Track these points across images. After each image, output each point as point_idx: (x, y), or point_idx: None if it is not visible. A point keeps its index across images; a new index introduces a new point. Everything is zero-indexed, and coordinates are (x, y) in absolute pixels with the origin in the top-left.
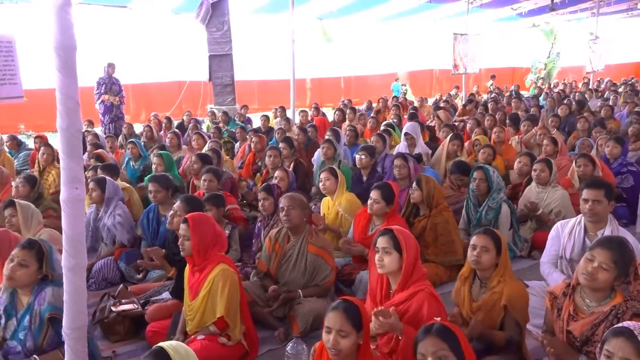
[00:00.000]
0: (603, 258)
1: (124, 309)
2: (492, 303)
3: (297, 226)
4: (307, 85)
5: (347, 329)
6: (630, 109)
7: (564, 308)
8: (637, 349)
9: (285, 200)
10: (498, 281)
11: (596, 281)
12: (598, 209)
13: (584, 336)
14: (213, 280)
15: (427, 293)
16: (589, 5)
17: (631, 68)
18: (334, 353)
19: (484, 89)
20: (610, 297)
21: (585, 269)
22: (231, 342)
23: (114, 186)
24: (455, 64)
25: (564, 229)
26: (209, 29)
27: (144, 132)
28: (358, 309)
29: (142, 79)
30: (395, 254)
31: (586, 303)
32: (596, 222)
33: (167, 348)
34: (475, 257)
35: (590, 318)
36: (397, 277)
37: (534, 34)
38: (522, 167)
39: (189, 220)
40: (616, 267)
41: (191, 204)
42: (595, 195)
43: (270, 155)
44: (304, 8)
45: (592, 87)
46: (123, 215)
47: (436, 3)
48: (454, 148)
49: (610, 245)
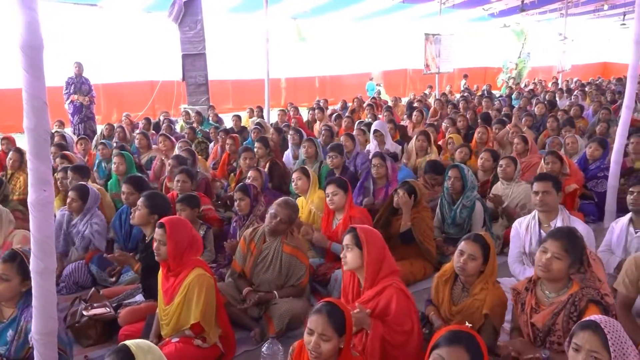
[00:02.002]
0: (555, 248)
1: (96, 313)
2: (473, 309)
3: (279, 235)
4: (282, 84)
5: (329, 333)
6: (596, 108)
7: (526, 302)
8: (604, 341)
9: (282, 210)
10: (481, 288)
11: (551, 271)
12: (548, 200)
13: (546, 326)
14: (189, 285)
15: (395, 288)
16: (558, 6)
17: (597, 68)
18: (314, 356)
19: (456, 88)
20: (568, 286)
21: (540, 261)
22: (206, 344)
23: (95, 195)
24: (427, 64)
25: (522, 225)
26: (181, 28)
27: (116, 133)
28: (342, 313)
29: (113, 78)
30: (357, 250)
31: (546, 295)
32: (547, 213)
33: (130, 345)
34: (461, 264)
35: (550, 308)
36: (363, 274)
37: (505, 34)
38: (483, 162)
39: (166, 225)
40: (568, 256)
41: (151, 198)
42: (544, 187)
43: (245, 158)
44: (278, 8)
45: (561, 87)
46: (100, 223)
47: (409, 3)
48: (421, 144)
49: (560, 235)
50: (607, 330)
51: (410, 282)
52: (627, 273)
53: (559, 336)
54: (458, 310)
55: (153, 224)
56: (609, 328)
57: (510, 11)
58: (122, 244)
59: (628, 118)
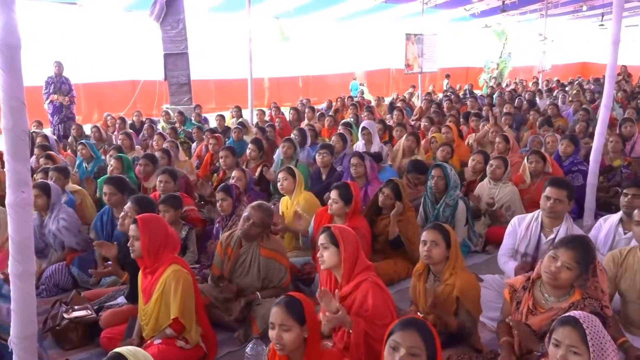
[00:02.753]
0: (567, 258)
1: (77, 316)
2: (445, 295)
3: (252, 238)
4: (265, 84)
5: (289, 322)
6: (576, 107)
7: (523, 301)
8: (583, 336)
9: (255, 214)
10: (450, 274)
11: (559, 280)
12: (558, 208)
13: (542, 331)
14: (165, 281)
15: (370, 282)
16: (538, 6)
17: (577, 68)
18: (279, 348)
19: (439, 88)
20: (570, 293)
21: (548, 268)
22: (189, 345)
23: (57, 190)
24: (408, 64)
25: (521, 223)
26: (163, 27)
27: (92, 133)
28: (300, 302)
29: (93, 78)
30: (333, 248)
31: (545, 298)
32: (554, 219)
33: (124, 352)
34: (426, 252)
35: (550, 313)
36: (340, 272)
37: (487, 34)
38: (475, 164)
39: (138, 221)
40: (579, 267)
41: (142, 204)
42: (558, 195)
43: (222, 156)
44: (261, 7)
45: (541, 87)
46: (67, 218)
47: (392, 3)
48: (409, 144)
49: (574, 246)
50: (585, 326)
51: (394, 280)
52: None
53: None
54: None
55: None
56: (588, 323)
57: (491, 11)
58: None
59: (606, 117)
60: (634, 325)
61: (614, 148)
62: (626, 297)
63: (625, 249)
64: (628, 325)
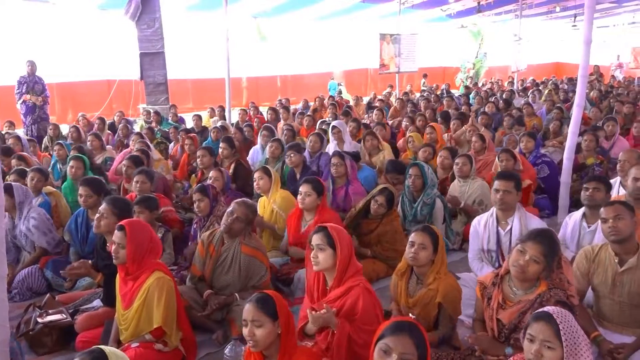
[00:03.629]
0: (534, 251)
1: (51, 320)
2: (427, 299)
3: (235, 234)
4: (243, 84)
5: (261, 318)
6: (549, 107)
7: (493, 297)
8: (556, 331)
9: (239, 209)
10: (434, 278)
11: (526, 273)
12: (508, 199)
13: (512, 324)
14: (148, 289)
15: (362, 288)
16: (513, 7)
17: (551, 68)
18: (252, 344)
19: (416, 87)
20: (536, 285)
21: (516, 262)
22: (167, 348)
23: (23, 190)
24: (383, 64)
25: (480, 223)
26: (139, 26)
27: (69, 133)
28: (272, 298)
29: (67, 77)
30: (329, 250)
31: (513, 291)
32: (506, 211)
33: (104, 349)
34: (412, 254)
35: (518, 306)
36: (332, 273)
37: (463, 34)
38: (442, 160)
39: (126, 228)
40: (545, 260)
41: (118, 205)
42: (505, 186)
43: (199, 156)
44: (238, 6)
45: (516, 87)
46: (37, 217)
47: (369, 3)
48: (370, 144)
49: (542, 240)
50: (559, 321)
51: (373, 279)
52: (577, 266)
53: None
54: (414, 302)
55: None
56: (561, 318)
57: (467, 12)
58: (79, 248)
59: (579, 116)
60: (606, 319)
61: (587, 147)
62: (599, 292)
63: (597, 245)
64: (601, 320)
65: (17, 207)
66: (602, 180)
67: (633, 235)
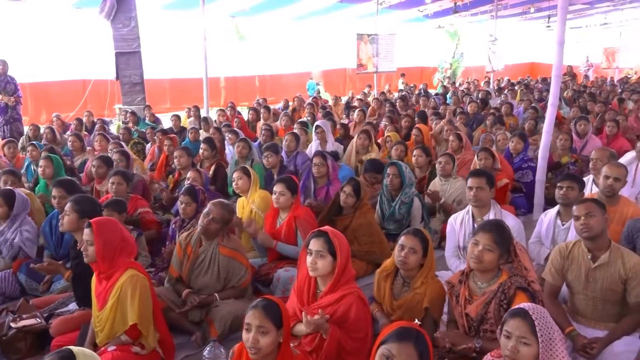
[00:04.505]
0: (486, 240)
1: (25, 325)
2: (414, 303)
3: (212, 235)
4: (221, 84)
5: (268, 325)
6: (526, 106)
7: (460, 294)
8: (532, 327)
9: (215, 209)
10: (421, 282)
11: (483, 262)
12: (481, 195)
13: (479, 316)
14: (121, 287)
15: (355, 296)
16: (489, 8)
17: (526, 68)
18: (254, 352)
19: (394, 87)
20: (497, 276)
21: (472, 253)
22: (145, 350)
23: (24, 201)
24: (361, 64)
25: (457, 220)
26: (114, 25)
27: (44, 134)
28: (278, 306)
29: (41, 77)
30: (329, 257)
31: (478, 285)
32: (480, 207)
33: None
34: (402, 257)
35: (482, 298)
36: (326, 279)
37: (440, 35)
38: (417, 159)
39: (93, 225)
40: (498, 247)
41: (80, 203)
42: (477, 183)
43: (177, 156)
44: (216, 5)
45: (492, 86)
46: (31, 230)
47: (347, 3)
48: (362, 142)
49: (490, 228)
50: (534, 317)
51: None
52: (552, 263)
53: (491, 324)
54: (399, 305)
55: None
56: (537, 315)
57: (444, 12)
58: (53, 251)
59: (553, 115)
60: (580, 314)
61: (562, 145)
62: (573, 289)
63: (571, 242)
64: (575, 315)
65: (11, 217)
66: (575, 179)
67: (605, 232)
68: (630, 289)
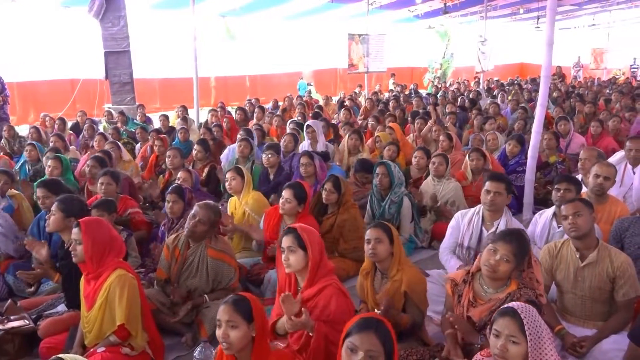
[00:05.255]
0: (505, 251)
1: (14, 326)
2: (393, 291)
3: (199, 238)
4: (212, 83)
5: (236, 319)
6: (513, 106)
7: (464, 294)
8: (521, 326)
9: (201, 211)
10: (397, 270)
11: (498, 272)
12: (498, 200)
13: (482, 322)
14: (110, 287)
15: (334, 288)
16: (478, 8)
17: (515, 68)
18: (226, 347)
19: (385, 87)
20: (507, 284)
21: (488, 261)
22: (135, 351)
23: None
24: (352, 64)
25: (464, 218)
26: (103, 24)
27: (29, 134)
28: (248, 301)
29: (29, 76)
30: (300, 251)
31: (484, 290)
32: (494, 212)
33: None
34: (371, 249)
35: (488, 305)
36: (304, 274)
37: (430, 35)
38: (418, 160)
39: (81, 224)
40: (515, 259)
41: (66, 202)
42: (497, 188)
43: (169, 156)
44: (206, 5)
45: (482, 87)
46: (5, 224)
47: (337, 3)
48: (354, 143)
49: (512, 239)
50: (523, 316)
51: (342, 277)
52: (541, 262)
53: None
54: (381, 297)
55: (71, 228)
56: (526, 314)
57: (434, 13)
58: None
59: (542, 115)
60: (569, 313)
61: (548, 145)
62: (562, 288)
63: (560, 242)
64: (564, 314)
65: None
66: (572, 180)
67: (592, 231)
68: (618, 288)
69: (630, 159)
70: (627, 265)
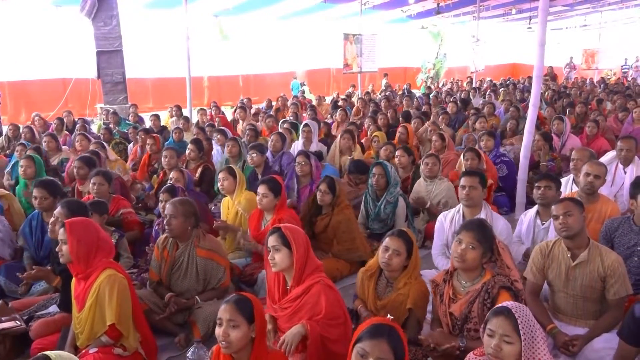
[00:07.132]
0: (469, 239)
1: (4, 327)
2: (397, 304)
3: (181, 235)
4: (205, 83)
5: (238, 319)
6: (507, 107)
7: (444, 293)
8: (515, 325)
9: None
10: (405, 283)
11: (466, 261)
12: (473, 194)
13: (463, 315)
14: (99, 286)
15: (323, 285)
16: (471, 9)
17: (508, 69)
18: (225, 346)
19: (377, 87)
20: (481, 275)
21: (456, 251)
22: (127, 352)
23: None
24: (347, 64)
25: (446, 218)
26: (95, 24)
27: (23, 134)
28: (250, 301)
29: (20, 76)
30: (285, 250)
31: (462, 284)
32: (472, 207)
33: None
34: (386, 259)
35: (466, 297)
36: (291, 273)
37: (423, 35)
38: (400, 159)
39: (66, 224)
40: (481, 245)
41: (73, 208)
42: (471, 182)
43: (166, 156)
44: (199, 4)
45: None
46: (3, 229)
47: (331, 3)
48: (346, 142)
49: (472, 227)
50: (517, 315)
51: (336, 278)
52: (533, 262)
53: (475, 323)
54: (383, 305)
55: None
56: (519, 313)
57: (427, 13)
58: (33, 253)
59: (534, 115)
60: (561, 312)
61: (537, 146)
62: (554, 287)
63: (551, 241)
64: (556, 313)
65: None
66: (552, 178)
67: (583, 230)
68: (609, 286)
69: (622, 158)
70: (617, 264)
